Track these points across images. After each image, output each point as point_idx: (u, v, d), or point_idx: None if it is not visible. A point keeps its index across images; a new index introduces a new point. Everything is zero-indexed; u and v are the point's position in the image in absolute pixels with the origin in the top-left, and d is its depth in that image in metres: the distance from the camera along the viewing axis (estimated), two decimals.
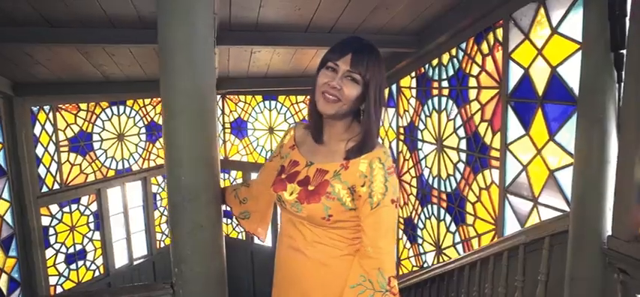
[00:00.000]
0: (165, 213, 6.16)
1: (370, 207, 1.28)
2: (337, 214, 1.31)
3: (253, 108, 6.43)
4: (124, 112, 5.66)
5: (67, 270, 5.17)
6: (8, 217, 4.47)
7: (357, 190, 1.29)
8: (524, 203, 3.03)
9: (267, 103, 6.30)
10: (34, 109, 4.68)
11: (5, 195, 4.43)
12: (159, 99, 6.19)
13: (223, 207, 1.94)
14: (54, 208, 4.97)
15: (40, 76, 4.37)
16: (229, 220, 6.83)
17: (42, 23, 3.01)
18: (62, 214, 5.06)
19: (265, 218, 1.89)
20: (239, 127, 6.61)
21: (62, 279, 5.12)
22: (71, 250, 5.20)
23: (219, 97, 6.59)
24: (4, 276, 4.40)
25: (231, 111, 6.64)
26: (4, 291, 4.40)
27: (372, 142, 1.32)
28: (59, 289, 5.08)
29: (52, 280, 4.99)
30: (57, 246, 5.04)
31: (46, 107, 4.80)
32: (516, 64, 2.97)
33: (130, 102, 5.70)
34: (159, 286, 1.90)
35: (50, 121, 4.86)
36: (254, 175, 6.71)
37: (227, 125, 6.71)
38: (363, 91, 1.30)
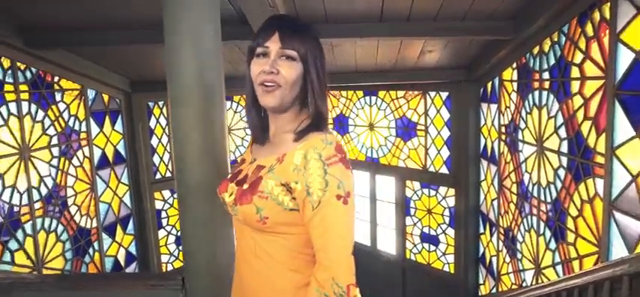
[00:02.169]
0: None
1: (311, 207, 1.06)
2: (274, 216, 1.11)
3: (354, 104, 6.31)
4: (231, 107, 6.03)
5: (177, 250, 5.70)
6: (127, 199, 5.08)
7: (292, 186, 1.08)
8: (634, 223, 2.41)
9: (367, 98, 6.13)
10: (150, 104, 5.23)
11: (124, 179, 5.04)
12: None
13: None
14: (166, 193, 5.51)
15: (153, 75, 4.86)
16: None
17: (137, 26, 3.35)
18: (173, 200, 5.59)
19: None
20: (341, 123, 6.56)
21: (172, 258, 5.66)
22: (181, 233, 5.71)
23: None
24: (122, 250, 5.01)
25: (333, 106, 6.62)
26: (122, 263, 5.02)
27: (324, 119, 1.15)
28: (170, 267, 5.62)
29: (164, 259, 5.55)
30: (168, 228, 5.59)
31: (161, 102, 5.33)
32: (626, 47, 2.36)
33: (236, 98, 6.05)
34: (170, 276, 1.93)
35: (164, 115, 5.39)
36: (355, 173, 6.60)
37: (330, 121, 6.71)
38: (303, 69, 1.12)
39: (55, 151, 3.99)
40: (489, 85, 4.48)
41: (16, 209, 3.52)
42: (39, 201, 3.76)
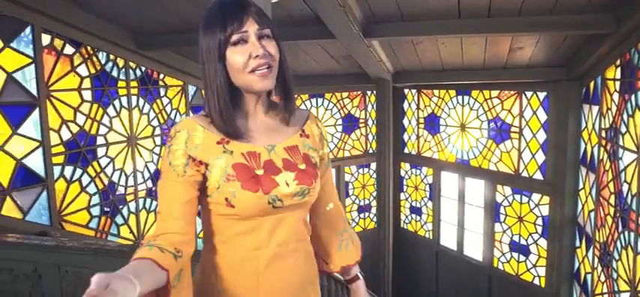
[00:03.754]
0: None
1: (325, 166, 1.27)
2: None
3: (446, 103, 6.11)
4: (322, 104, 6.22)
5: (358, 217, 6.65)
6: None
7: (320, 153, 1.23)
8: None
9: (459, 98, 5.90)
10: None
11: None
12: (354, 92, 6.54)
13: None
14: None
15: None
16: (418, 217, 6.70)
17: None
18: None
19: None
20: (432, 123, 6.39)
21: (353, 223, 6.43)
22: (363, 203, 6.73)
23: (414, 91, 6.51)
24: None
25: (425, 106, 6.47)
26: None
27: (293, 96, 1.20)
28: None
29: None
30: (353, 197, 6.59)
31: None
32: None
33: (328, 95, 6.22)
34: None
35: None
36: (444, 174, 6.38)
37: (421, 120, 6.57)
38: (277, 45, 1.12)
39: (158, 140, 4.50)
40: (592, 84, 4.06)
41: (122, 190, 4.06)
42: (142, 183, 4.28)
